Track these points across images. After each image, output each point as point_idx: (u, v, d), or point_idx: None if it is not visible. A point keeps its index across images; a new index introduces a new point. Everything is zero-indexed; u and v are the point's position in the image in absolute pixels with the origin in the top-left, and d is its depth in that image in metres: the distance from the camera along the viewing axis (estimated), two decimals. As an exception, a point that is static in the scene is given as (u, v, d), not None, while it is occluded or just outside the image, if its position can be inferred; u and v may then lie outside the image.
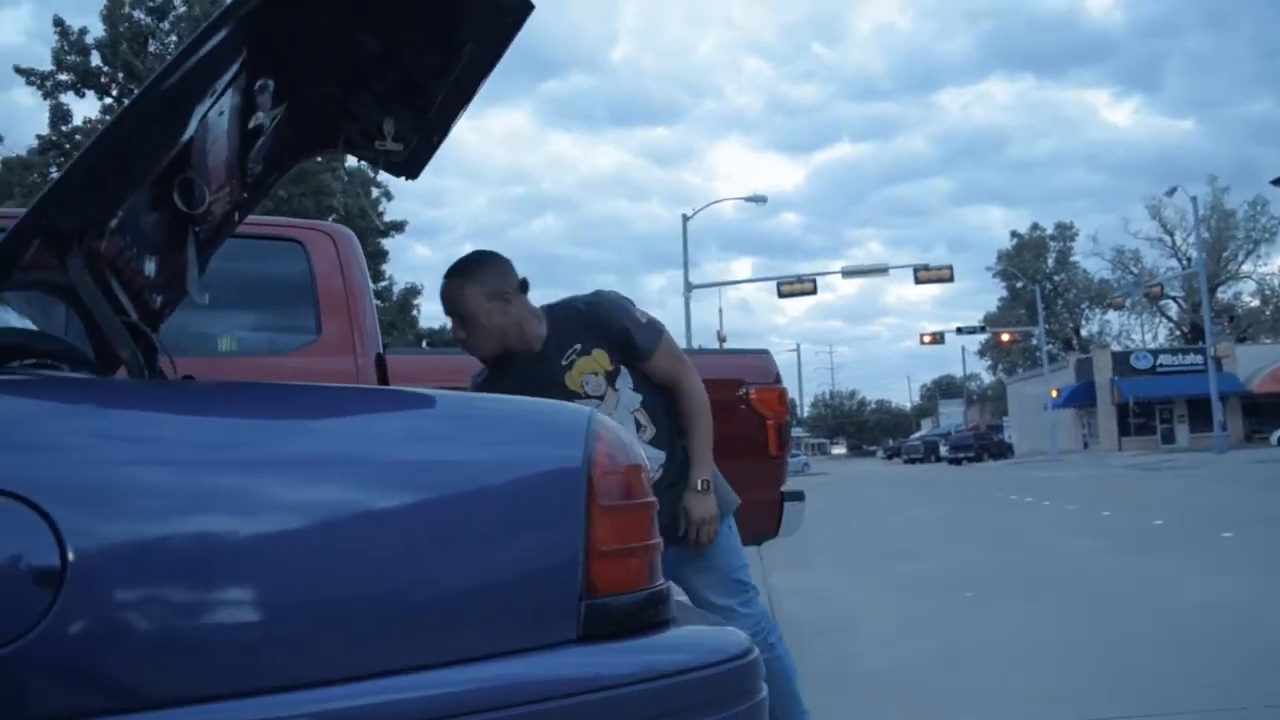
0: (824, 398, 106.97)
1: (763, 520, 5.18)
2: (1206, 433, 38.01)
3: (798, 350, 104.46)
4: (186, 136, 1.82)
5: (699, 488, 2.83)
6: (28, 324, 2.08)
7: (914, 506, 18.30)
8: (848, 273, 34.21)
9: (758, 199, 33.04)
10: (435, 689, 1.37)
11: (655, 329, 2.91)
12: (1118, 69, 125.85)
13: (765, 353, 5.48)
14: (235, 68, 1.89)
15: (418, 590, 1.39)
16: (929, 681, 4.65)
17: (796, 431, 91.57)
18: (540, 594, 1.48)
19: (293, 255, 4.47)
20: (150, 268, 2.51)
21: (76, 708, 1.18)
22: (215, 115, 2.06)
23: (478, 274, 2.84)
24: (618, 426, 1.72)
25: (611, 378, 2.85)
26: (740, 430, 5.02)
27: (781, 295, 33.30)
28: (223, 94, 1.96)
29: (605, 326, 2.84)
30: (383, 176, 31.25)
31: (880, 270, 34.54)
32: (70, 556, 1.19)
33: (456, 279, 2.84)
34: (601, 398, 2.82)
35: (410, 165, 2.91)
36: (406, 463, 1.48)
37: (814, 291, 33.19)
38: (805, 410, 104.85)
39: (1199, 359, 40.59)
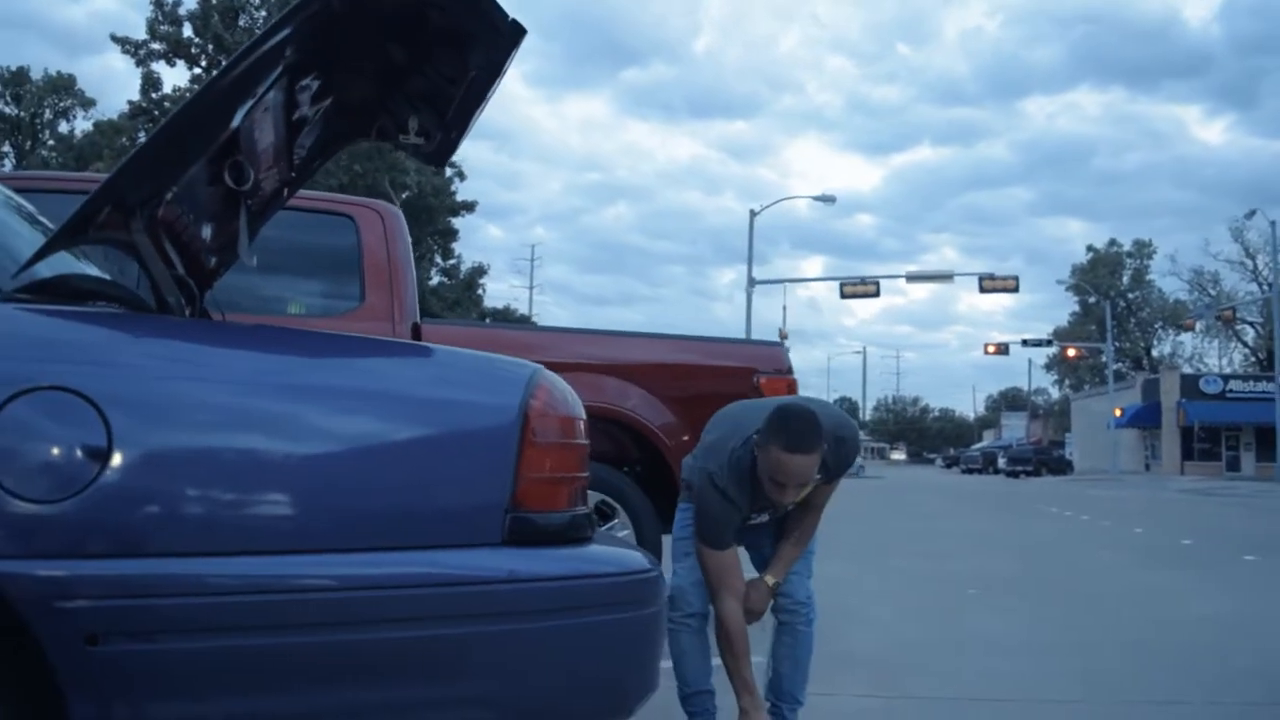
0: (887, 402, 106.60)
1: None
2: (1273, 462, 37.33)
3: (864, 353, 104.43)
4: (235, 126, 2.24)
5: (771, 586, 3.22)
6: (104, 275, 2.53)
7: (953, 515, 18.45)
8: (912, 277, 34.25)
9: (827, 199, 33.18)
10: (390, 567, 1.79)
11: (846, 470, 3.24)
12: (1212, 85, 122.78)
13: (779, 344, 5.86)
14: (278, 72, 2.31)
15: (378, 489, 1.81)
16: (908, 661, 4.98)
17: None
18: (475, 504, 1.89)
19: (343, 229, 4.94)
20: (206, 232, 2.96)
21: (114, 549, 1.61)
22: (261, 111, 2.49)
23: (824, 440, 2.98)
24: (563, 385, 2.12)
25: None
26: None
27: (844, 296, 33.46)
28: (270, 89, 2.38)
29: (844, 464, 3.20)
30: (457, 156, 31.91)
31: (945, 277, 34.55)
32: (114, 440, 1.62)
33: (816, 454, 2.95)
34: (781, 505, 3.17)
35: (438, 156, 3.33)
36: (381, 392, 1.91)
37: (877, 294, 33.29)
38: (868, 414, 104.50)
39: (1270, 386, 39.82)
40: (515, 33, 2.44)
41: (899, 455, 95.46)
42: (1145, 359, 63.81)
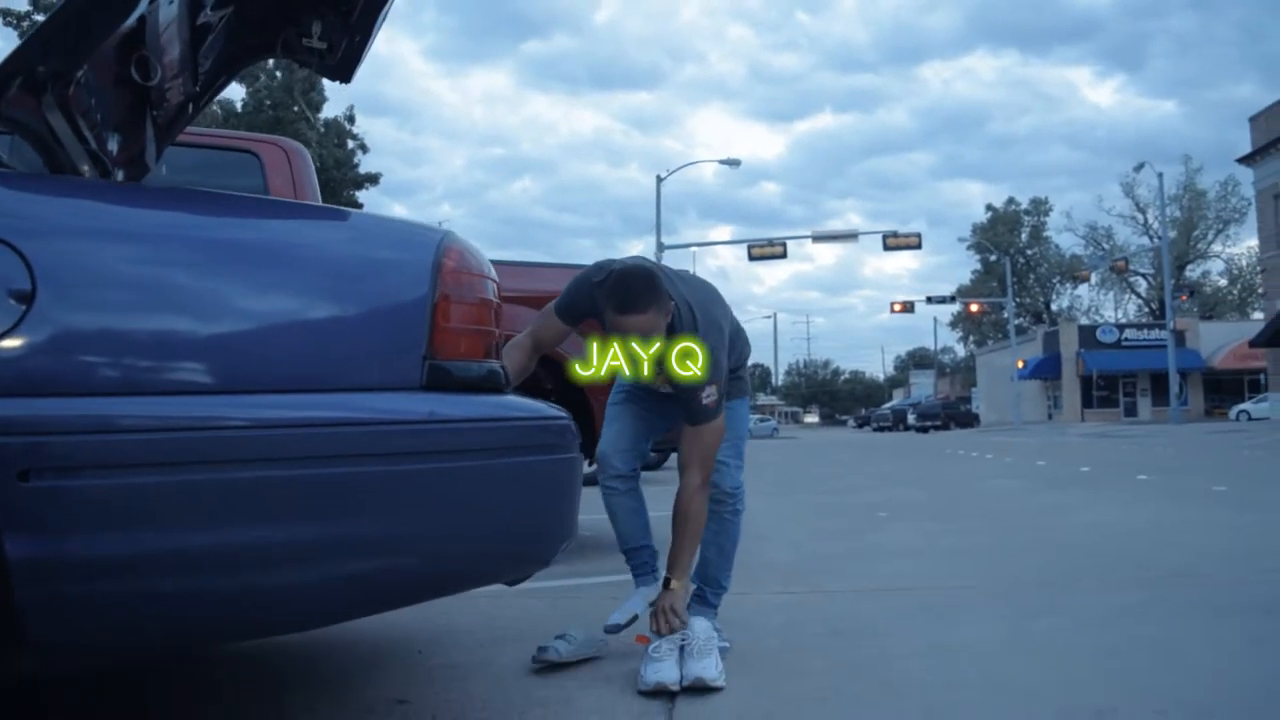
0: (798, 366, 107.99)
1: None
2: (1168, 407, 38.86)
3: (774, 318, 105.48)
4: (139, 12, 2.28)
5: (672, 586, 3.11)
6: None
7: (864, 461, 18.91)
8: (818, 237, 34.80)
9: (731, 162, 33.52)
10: (312, 408, 1.87)
11: (707, 415, 3.04)
12: (1101, 48, 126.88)
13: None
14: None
15: (298, 335, 1.89)
16: (820, 568, 5.19)
17: (769, 399, 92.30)
18: (393, 351, 1.98)
19: (248, 167, 4.92)
20: (114, 144, 2.98)
21: (42, 388, 1.67)
22: (166, 4, 2.51)
23: (659, 298, 2.91)
24: (474, 248, 2.21)
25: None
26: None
27: (753, 258, 33.86)
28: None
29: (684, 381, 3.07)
30: (357, 128, 31.42)
31: (850, 236, 35.14)
32: (38, 285, 1.68)
33: (648, 313, 2.88)
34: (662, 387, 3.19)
35: (342, 69, 3.36)
36: (300, 245, 2.00)
37: (784, 255, 33.74)
38: (779, 379, 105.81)
39: (1163, 334, 41.35)
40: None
41: (812, 419, 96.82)
42: (1045, 313, 65.72)
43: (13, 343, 1.66)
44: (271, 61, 31.04)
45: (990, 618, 3.81)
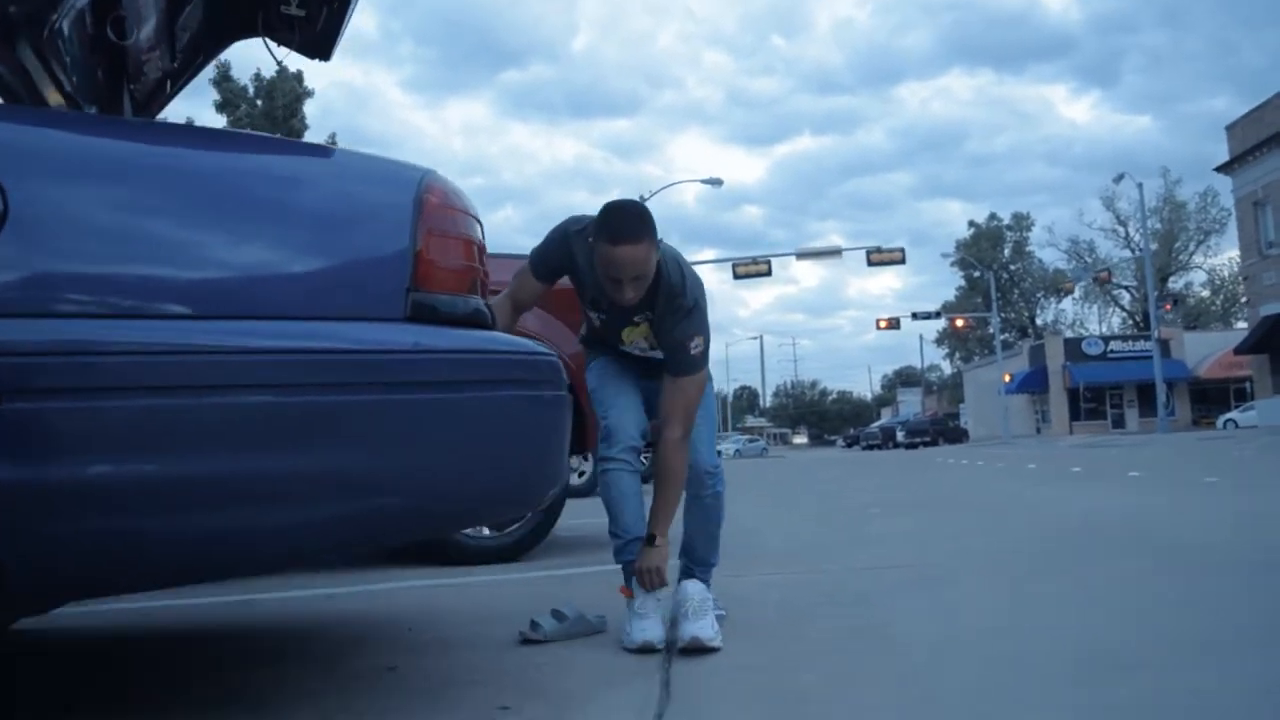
0: (785, 387, 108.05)
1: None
2: (1155, 417, 38.93)
3: (760, 341, 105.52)
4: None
5: (655, 543, 3.01)
6: None
7: (856, 475, 18.87)
8: (802, 254, 34.87)
9: (714, 181, 33.57)
10: (301, 338, 1.83)
11: (693, 366, 2.96)
12: (1076, 65, 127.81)
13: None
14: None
15: (277, 260, 1.86)
16: (812, 554, 5.14)
17: (757, 420, 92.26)
18: (377, 283, 1.94)
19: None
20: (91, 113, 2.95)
21: (15, 310, 1.63)
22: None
23: (652, 231, 2.80)
24: (457, 187, 2.18)
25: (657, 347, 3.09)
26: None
27: (737, 277, 33.89)
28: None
29: (666, 327, 2.99)
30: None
31: (834, 253, 35.22)
32: (9, 207, 1.64)
33: (643, 243, 2.77)
34: (640, 347, 3.11)
35: (322, 45, 3.34)
36: (283, 176, 1.97)
37: (768, 273, 33.77)
38: (767, 400, 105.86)
39: (1148, 345, 41.45)
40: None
41: (800, 439, 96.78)
42: (1030, 327, 65.90)
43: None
44: (251, 89, 31.21)
45: (992, 584, 3.77)
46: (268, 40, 3.35)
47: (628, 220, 2.78)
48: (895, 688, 2.35)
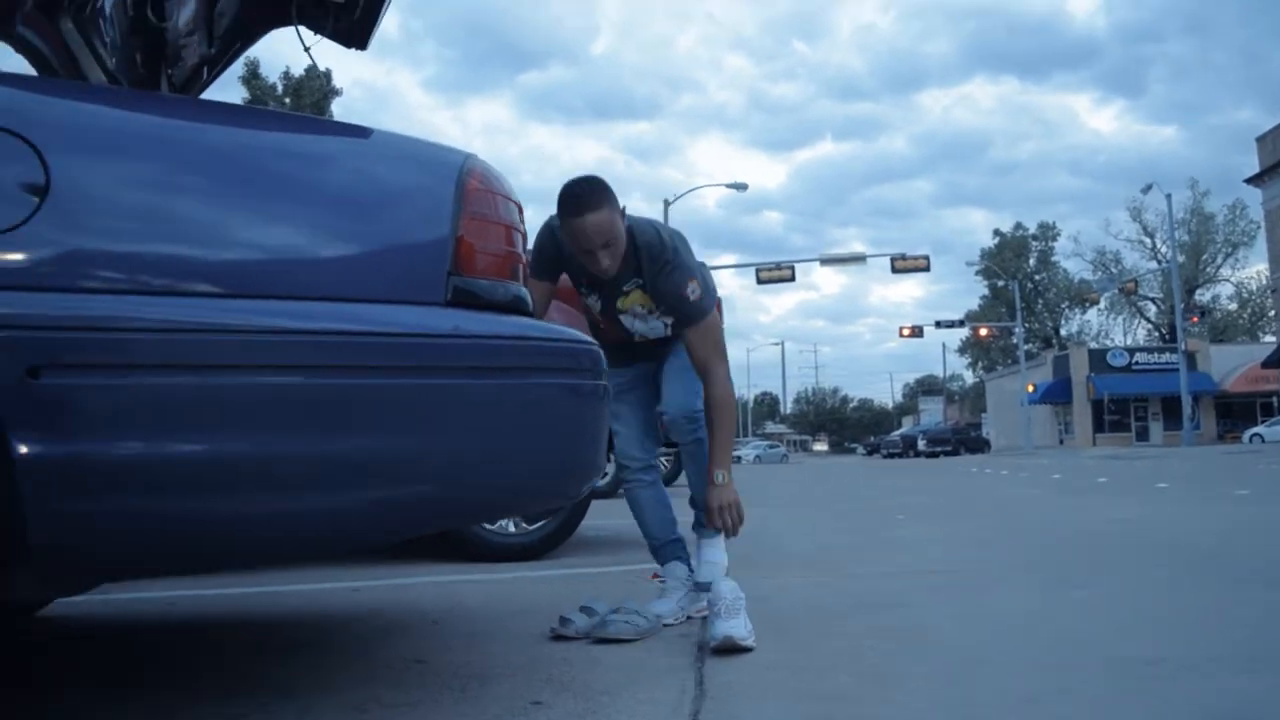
0: (806, 394, 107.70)
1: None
2: (1180, 430, 38.60)
3: (781, 347, 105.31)
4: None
5: (719, 480, 3.06)
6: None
7: (878, 480, 18.77)
8: (826, 261, 34.74)
9: (738, 186, 33.58)
10: (340, 320, 1.80)
11: (700, 310, 3.02)
12: (1100, 73, 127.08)
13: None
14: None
15: (319, 241, 1.83)
16: (838, 557, 5.08)
17: (778, 427, 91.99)
18: (420, 266, 1.91)
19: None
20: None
21: (54, 284, 1.61)
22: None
23: (611, 198, 2.88)
24: (498, 172, 2.15)
25: (654, 309, 3.11)
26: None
27: (761, 282, 33.78)
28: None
29: (662, 287, 3.02)
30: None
31: (858, 259, 35.10)
32: (52, 180, 1.62)
33: (604, 209, 2.85)
34: (641, 317, 3.12)
35: (359, 34, 3.32)
36: (325, 156, 1.96)
37: (792, 278, 33.65)
38: (788, 407, 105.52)
39: (1174, 358, 41.10)
40: None
41: (821, 446, 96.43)
42: (1054, 338, 65.48)
43: (26, 236, 1.59)
44: (280, 88, 31.39)
45: (1023, 589, 3.72)
46: (300, 30, 3.33)
47: (584, 192, 2.86)
48: (932, 690, 2.30)
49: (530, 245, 3.02)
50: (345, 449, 1.79)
